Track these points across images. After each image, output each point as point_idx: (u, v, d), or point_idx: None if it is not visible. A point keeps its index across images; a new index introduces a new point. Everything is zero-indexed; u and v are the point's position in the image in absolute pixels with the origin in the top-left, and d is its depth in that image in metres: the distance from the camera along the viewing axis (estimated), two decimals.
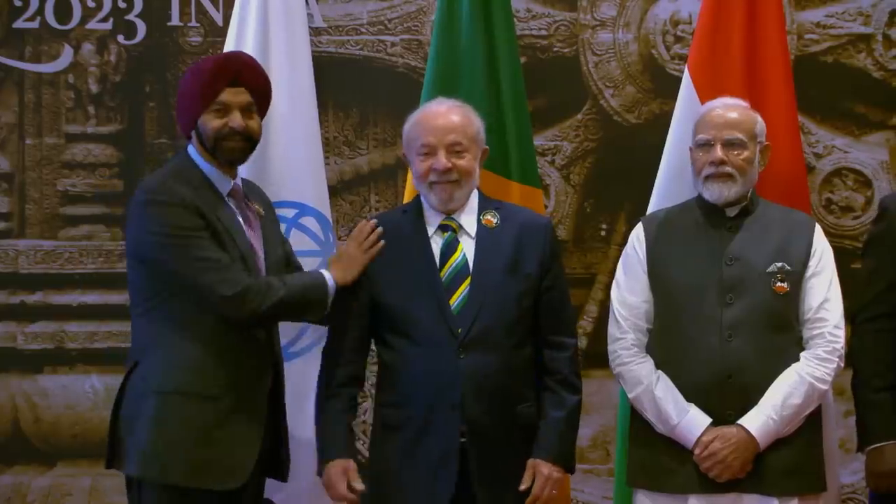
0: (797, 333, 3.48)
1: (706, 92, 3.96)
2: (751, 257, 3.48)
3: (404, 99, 4.59)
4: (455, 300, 3.41)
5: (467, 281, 3.42)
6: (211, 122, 3.45)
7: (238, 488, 3.37)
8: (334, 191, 4.69)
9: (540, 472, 3.41)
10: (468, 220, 3.51)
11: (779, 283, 3.45)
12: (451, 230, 3.49)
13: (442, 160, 3.43)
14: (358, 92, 4.90)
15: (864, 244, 3.76)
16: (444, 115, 3.50)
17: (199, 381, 3.35)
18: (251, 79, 3.52)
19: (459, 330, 3.37)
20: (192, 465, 3.32)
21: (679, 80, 4.12)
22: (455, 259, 3.45)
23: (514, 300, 3.44)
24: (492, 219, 3.51)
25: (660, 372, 3.49)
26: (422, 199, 3.55)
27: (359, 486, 3.40)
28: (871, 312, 3.55)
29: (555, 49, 4.88)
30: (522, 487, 3.40)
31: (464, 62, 4.12)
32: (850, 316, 3.58)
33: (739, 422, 3.40)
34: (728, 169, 3.49)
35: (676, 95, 4.10)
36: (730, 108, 3.57)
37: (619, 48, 4.87)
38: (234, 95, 3.46)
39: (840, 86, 4.80)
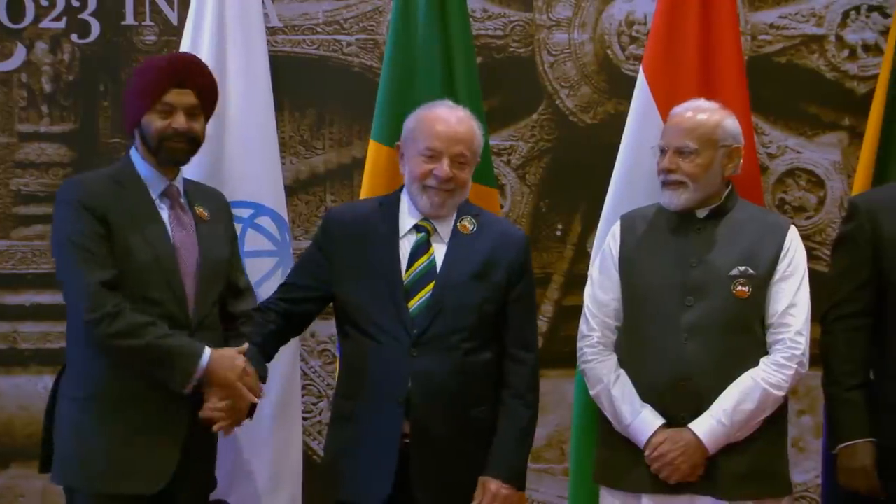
0: (760, 337, 3.48)
1: (661, 92, 3.99)
2: (715, 260, 3.48)
3: (360, 99, 4.62)
4: (417, 301, 3.41)
5: (431, 284, 3.41)
6: (154, 123, 3.44)
7: (166, 493, 3.34)
8: (290, 191, 4.67)
9: (488, 488, 3.40)
10: (444, 224, 3.50)
11: (740, 287, 3.45)
12: (424, 231, 3.48)
13: (445, 168, 3.42)
14: (314, 92, 4.90)
15: (833, 243, 3.76)
16: (456, 123, 3.48)
17: (113, 387, 3.33)
18: (197, 81, 3.50)
19: (415, 330, 3.37)
20: (109, 471, 3.30)
21: (634, 80, 4.12)
22: (423, 261, 3.45)
23: (475, 306, 3.43)
24: (468, 225, 3.51)
25: (620, 371, 3.51)
26: (403, 195, 3.54)
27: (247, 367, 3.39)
28: (842, 311, 3.56)
29: (510, 49, 4.88)
30: None
31: (420, 62, 4.12)
32: (820, 315, 3.59)
33: (689, 426, 3.41)
34: (676, 177, 3.50)
35: (631, 96, 4.10)
36: (692, 111, 3.56)
37: (575, 48, 4.88)
38: (180, 97, 3.45)
39: (793, 86, 4.83)
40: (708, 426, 3.39)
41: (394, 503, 3.35)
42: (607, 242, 3.65)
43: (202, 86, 3.51)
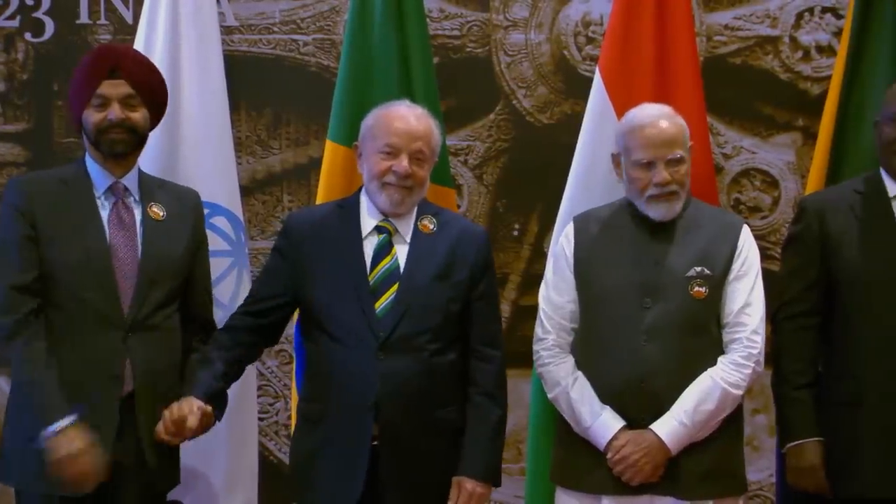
0: (716, 337, 3.49)
1: (617, 93, 3.99)
2: (672, 261, 3.48)
3: (317, 98, 4.61)
4: (382, 303, 3.40)
5: (396, 285, 3.41)
6: (92, 117, 3.43)
7: (108, 493, 3.33)
8: (246, 191, 4.68)
9: (464, 488, 3.41)
10: (405, 224, 3.49)
11: (697, 288, 3.46)
12: (386, 232, 3.47)
13: (404, 164, 3.41)
14: (270, 91, 4.88)
15: (783, 244, 3.79)
16: (415, 120, 3.47)
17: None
18: (131, 70, 3.47)
19: (381, 332, 3.36)
20: (44, 473, 3.26)
21: (590, 80, 4.12)
22: (386, 262, 3.44)
23: (440, 306, 3.43)
24: (428, 224, 3.51)
25: (578, 373, 3.50)
26: (362, 196, 3.53)
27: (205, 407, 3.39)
28: (792, 311, 3.58)
29: (467, 49, 4.89)
30: None
31: (376, 62, 4.10)
32: (771, 314, 3.61)
33: (651, 427, 3.41)
34: (672, 188, 3.48)
35: (588, 96, 4.10)
36: (661, 119, 3.53)
37: (532, 49, 4.88)
38: (113, 87, 3.43)
39: (748, 87, 4.85)
40: (670, 427, 3.39)
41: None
42: (560, 244, 3.64)
43: (137, 75, 3.47)
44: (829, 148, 4.09)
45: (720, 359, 3.46)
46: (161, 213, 3.51)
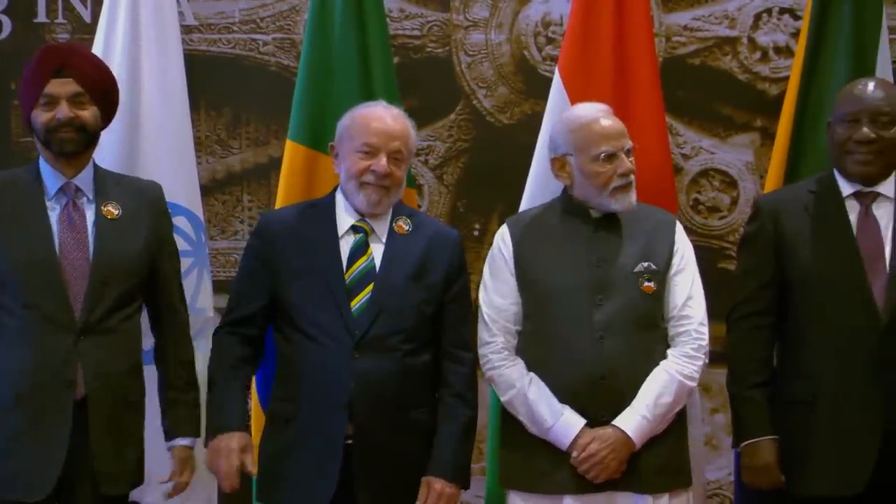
0: (663, 331, 3.52)
1: (577, 93, 3.99)
2: (619, 258, 3.50)
3: (277, 98, 4.60)
4: (357, 302, 3.39)
5: (371, 285, 3.40)
6: (40, 116, 3.40)
7: (62, 498, 3.32)
8: (206, 190, 4.65)
9: (433, 488, 3.42)
10: (381, 224, 3.49)
11: (646, 283, 3.48)
12: (362, 232, 3.47)
13: (383, 163, 3.41)
14: (230, 91, 4.87)
15: (738, 243, 3.81)
16: (392, 120, 3.48)
17: None
18: (79, 68, 3.43)
19: (357, 331, 3.35)
20: None
21: (550, 80, 4.13)
22: (362, 262, 3.43)
23: (414, 307, 3.44)
24: (403, 225, 3.51)
25: (532, 374, 3.49)
26: (338, 196, 3.52)
27: (251, 467, 3.38)
28: (746, 310, 3.59)
29: (428, 49, 4.88)
30: None
31: (337, 61, 4.09)
32: (725, 314, 3.64)
33: (615, 423, 3.41)
34: (632, 177, 3.51)
35: (548, 96, 4.12)
36: (608, 114, 3.55)
37: (492, 49, 4.88)
38: (61, 86, 3.40)
39: (707, 88, 4.86)
40: (634, 422, 3.40)
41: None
42: (496, 247, 3.61)
43: (84, 73, 3.44)
44: (787, 148, 4.10)
45: (670, 352, 3.49)
46: (116, 212, 3.46)
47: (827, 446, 3.47)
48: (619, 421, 3.42)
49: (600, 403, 3.43)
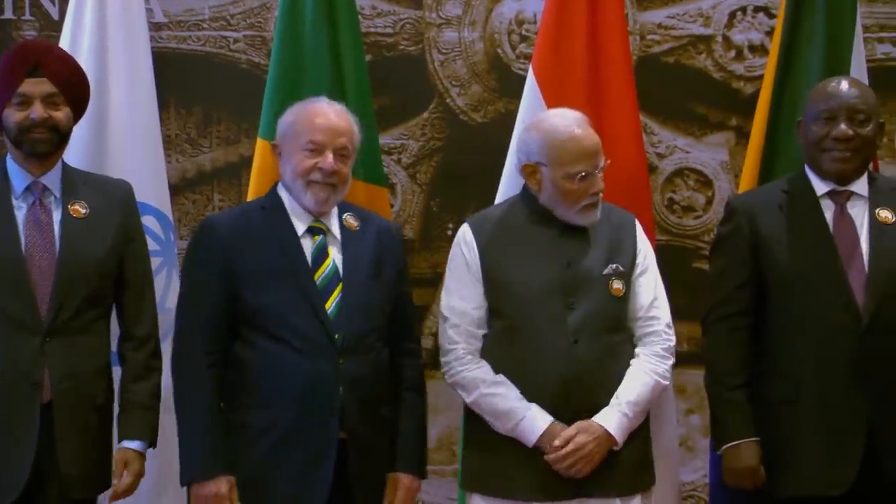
0: (629, 332, 3.51)
1: (550, 91, 4.01)
2: (587, 259, 3.47)
3: (248, 96, 4.55)
4: (329, 306, 3.35)
5: (339, 287, 3.37)
6: (13, 116, 3.37)
7: (32, 496, 3.29)
8: (176, 189, 4.62)
9: (402, 484, 3.43)
10: (332, 222, 3.46)
11: (615, 285, 3.47)
12: (321, 233, 3.42)
13: (329, 160, 3.37)
14: (200, 89, 4.81)
15: (712, 244, 3.80)
16: (336, 116, 3.43)
17: None
18: (53, 67, 3.42)
19: (337, 336, 3.31)
20: None
21: (524, 79, 4.13)
22: (328, 265, 3.39)
23: (378, 306, 3.43)
24: (353, 221, 3.48)
25: (499, 375, 3.46)
26: (283, 196, 3.46)
27: None
28: (723, 311, 3.59)
29: (400, 47, 4.85)
30: (387, 503, 3.41)
31: (308, 59, 4.09)
32: (700, 315, 3.64)
33: (595, 419, 3.39)
34: (601, 195, 3.49)
35: (522, 94, 4.11)
36: (584, 127, 3.50)
37: (465, 47, 4.86)
38: (35, 86, 3.37)
39: (681, 86, 4.84)
40: (616, 419, 3.39)
41: None
42: (459, 250, 3.55)
43: (59, 72, 3.42)
44: (762, 147, 4.12)
45: (640, 351, 3.49)
46: (84, 211, 3.44)
47: (810, 446, 3.47)
48: (599, 418, 3.39)
49: (573, 407, 3.40)
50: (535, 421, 3.40)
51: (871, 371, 3.43)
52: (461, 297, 3.50)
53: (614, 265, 3.48)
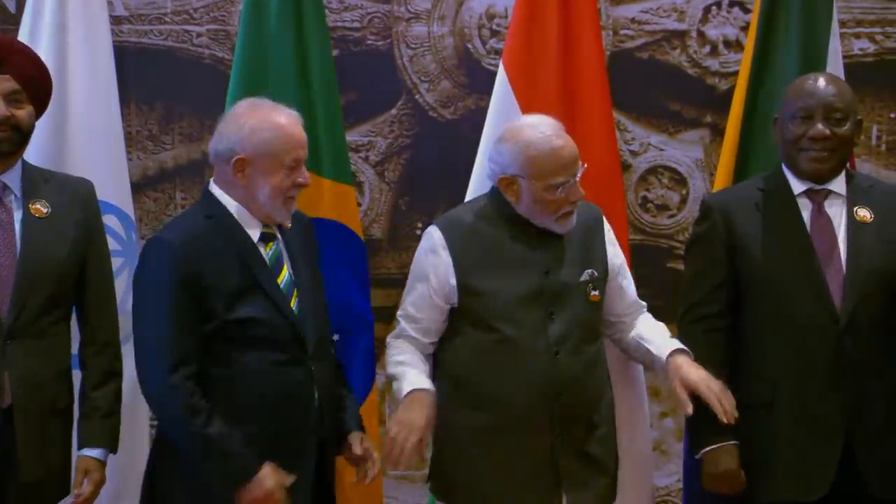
0: (602, 342, 3.52)
1: (521, 88, 3.97)
2: (564, 268, 3.44)
3: (211, 92, 4.52)
4: (295, 311, 3.30)
5: (296, 292, 3.30)
6: None
7: None
8: (138, 187, 4.61)
9: (365, 438, 3.42)
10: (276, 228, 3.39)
11: (593, 293, 3.45)
12: (273, 240, 3.32)
13: (307, 175, 3.30)
14: (162, 84, 4.81)
15: (687, 244, 3.78)
16: (300, 128, 3.31)
17: None
18: (17, 64, 3.38)
19: (308, 344, 3.27)
20: None
21: (495, 74, 4.09)
22: (286, 271, 3.31)
23: (325, 306, 3.41)
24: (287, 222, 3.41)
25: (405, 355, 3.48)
26: (225, 202, 3.30)
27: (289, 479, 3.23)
28: (700, 312, 3.57)
29: (368, 42, 4.84)
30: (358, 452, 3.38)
31: (272, 54, 4.03)
32: (676, 315, 3.62)
33: (671, 356, 3.44)
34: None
35: (492, 90, 4.06)
36: (562, 136, 3.43)
37: (435, 42, 4.85)
38: None
39: (655, 82, 4.86)
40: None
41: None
42: (429, 253, 3.47)
43: (23, 69, 3.38)
44: (737, 144, 4.10)
45: (643, 314, 3.59)
46: (45, 210, 3.40)
47: (787, 450, 3.45)
48: (673, 356, 3.45)
49: (555, 420, 3.37)
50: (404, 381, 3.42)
51: (848, 373, 3.42)
52: (416, 308, 3.48)
53: (590, 271, 3.46)
